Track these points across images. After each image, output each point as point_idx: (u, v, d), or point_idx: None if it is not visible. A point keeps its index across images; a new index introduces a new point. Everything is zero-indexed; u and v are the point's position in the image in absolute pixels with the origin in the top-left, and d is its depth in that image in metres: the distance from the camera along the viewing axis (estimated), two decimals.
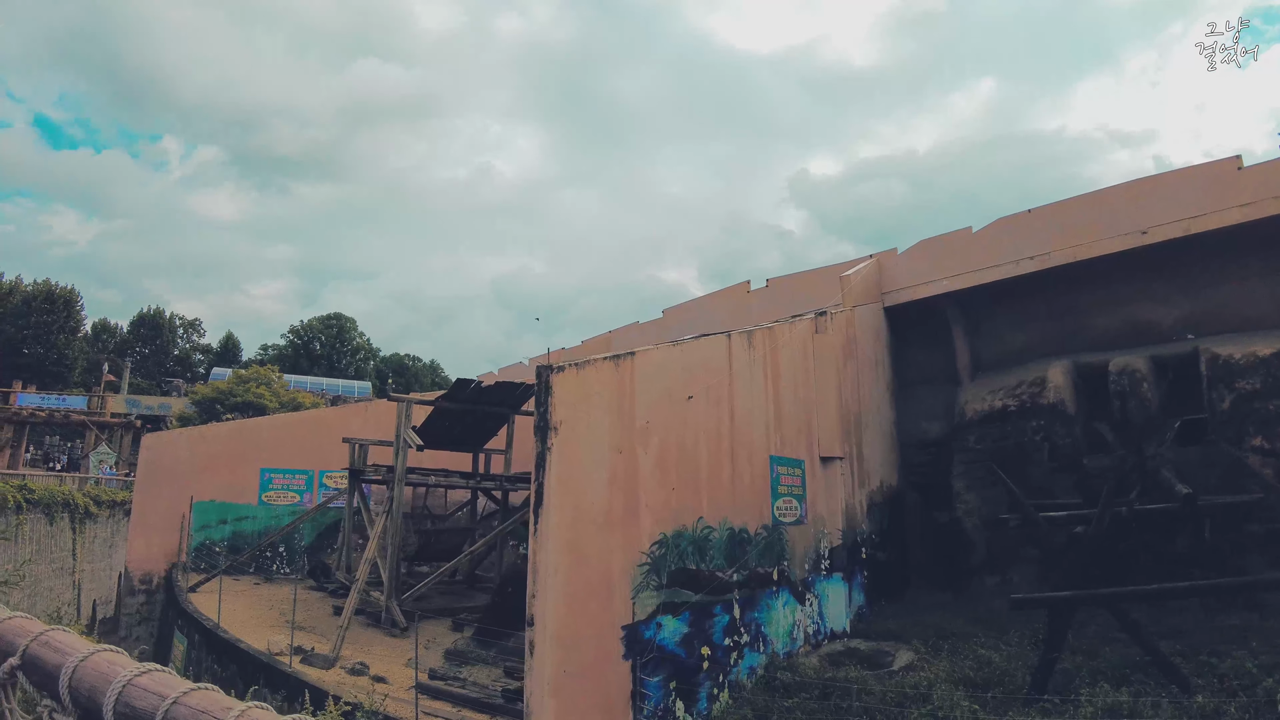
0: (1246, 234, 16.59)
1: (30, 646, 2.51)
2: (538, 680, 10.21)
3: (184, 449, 23.19)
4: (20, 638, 2.58)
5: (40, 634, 2.54)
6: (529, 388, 20.82)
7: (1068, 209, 18.72)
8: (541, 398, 10.66)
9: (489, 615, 16.32)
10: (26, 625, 2.67)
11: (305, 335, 67.74)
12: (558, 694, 10.21)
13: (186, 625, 17.68)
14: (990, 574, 18.77)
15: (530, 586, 10.45)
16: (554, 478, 10.48)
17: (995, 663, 13.73)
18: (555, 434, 10.56)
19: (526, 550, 20.42)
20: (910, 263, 20.72)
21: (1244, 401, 16.35)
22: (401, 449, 18.55)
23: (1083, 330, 19.00)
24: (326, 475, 24.45)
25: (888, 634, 16.59)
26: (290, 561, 23.70)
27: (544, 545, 10.36)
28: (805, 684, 13.37)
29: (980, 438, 19.26)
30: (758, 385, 15.00)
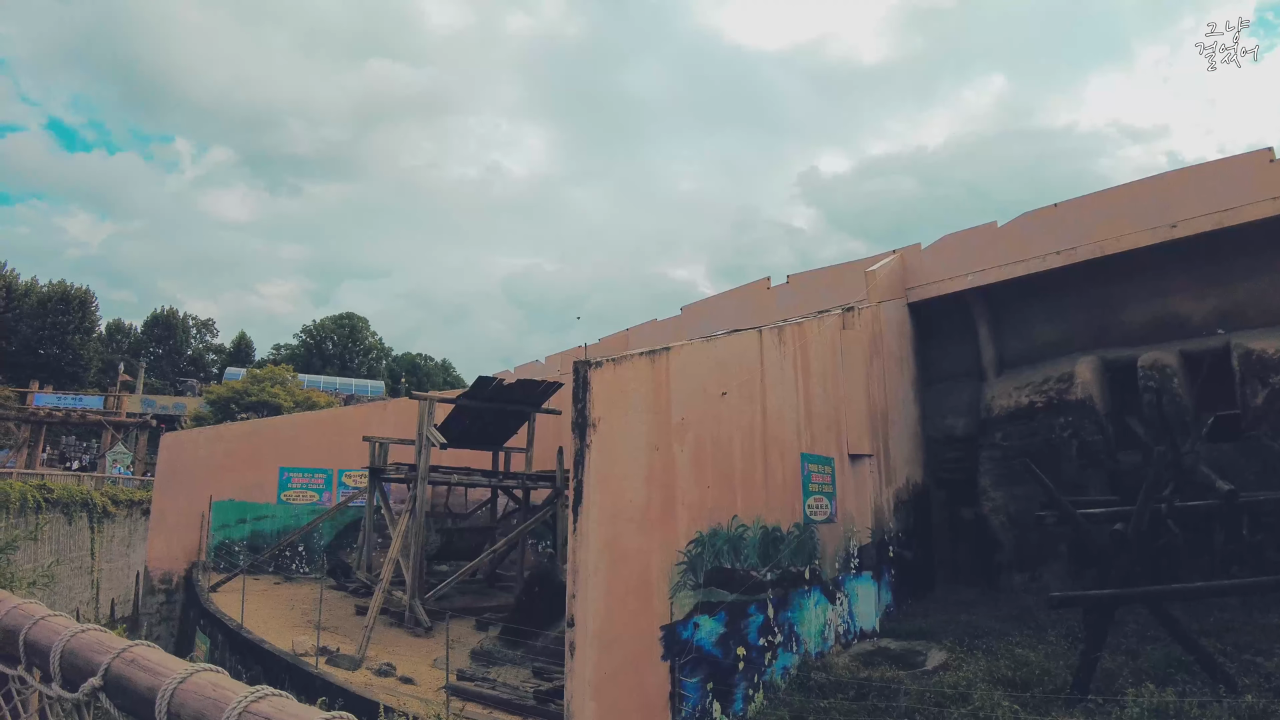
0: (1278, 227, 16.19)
1: (114, 665, 2.14)
2: (579, 682, 9.87)
3: (203, 448, 22.89)
4: (100, 654, 2.21)
5: (123, 650, 2.19)
6: (550, 385, 20.52)
7: (1094, 203, 18.34)
8: (579, 394, 10.32)
9: (515, 615, 15.99)
10: (105, 640, 2.31)
11: (318, 335, 67.44)
12: (599, 696, 9.88)
13: (209, 625, 17.37)
14: (1019, 571, 18.39)
15: (570, 586, 10.11)
16: (593, 475, 10.15)
17: (1033, 662, 13.38)
18: (594, 431, 10.22)
19: (550, 550, 20.17)
20: (934, 258, 20.34)
21: (1278, 397, 15.95)
22: (424, 447, 18.23)
23: (1110, 325, 18.61)
24: (345, 474, 24.14)
25: (918, 633, 16.24)
26: (310, 561, 23.39)
27: (584, 544, 10.02)
28: (840, 684, 13.04)
29: (1007, 434, 18.88)
30: (789, 381, 14.65)
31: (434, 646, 16.62)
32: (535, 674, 14.35)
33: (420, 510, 18.02)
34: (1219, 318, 17.38)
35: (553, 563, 16.10)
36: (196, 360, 66.17)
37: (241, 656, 15.68)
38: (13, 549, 10.09)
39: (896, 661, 14.84)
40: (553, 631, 15.32)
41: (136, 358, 53.00)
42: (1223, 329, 17.29)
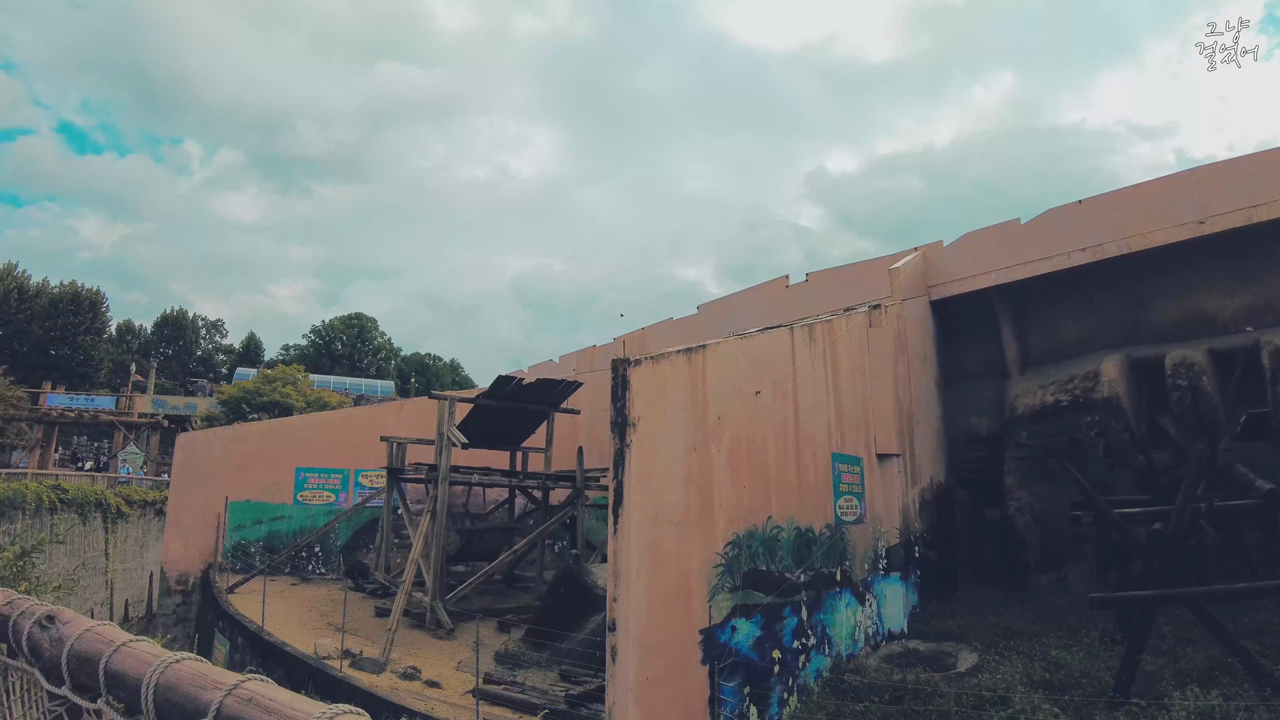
0: None
1: (227, 704, 1.75)
2: (621, 687, 9.52)
3: (219, 448, 22.53)
4: (206, 690, 1.83)
5: (235, 686, 1.80)
6: (569, 384, 20.16)
7: (1121, 199, 17.97)
8: (618, 393, 9.96)
9: (540, 617, 15.63)
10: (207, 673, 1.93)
11: (327, 335, 66.99)
12: (641, 702, 9.53)
13: (228, 627, 17.01)
14: (1045, 572, 18.01)
15: (610, 589, 9.76)
16: (634, 475, 9.79)
17: (1070, 664, 13.05)
18: (634, 430, 9.86)
19: (576, 551, 19.77)
20: (957, 255, 19.98)
21: None
22: (445, 447, 17.86)
23: (1137, 323, 18.25)
24: (362, 474, 23.78)
25: (946, 634, 15.89)
26: (326, 562, 23.03)
27: (625, 546, 9.67)
28: (874, 687, 12.69)
29: (1033, 434, 18.49)
30: (820, 380, 14.30)
31: (457, 649, 16.27)
32: (563, 677, 14.00)
33: (442, 511, 17.66)
34: (1249, 315, 17.01)
35: (577, 564, 15.74)
36: (206, 361, 65.73)
37: (262, 660, 15.31)
38: (39, 552, 9.72)
39: (927, 663, 14.50)
40: (579, 634, 14.99)
41: (146, 358, 52.60)
42: (1251, 326, 16.93)
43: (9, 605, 2.95)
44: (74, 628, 2.67)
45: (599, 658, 14.03)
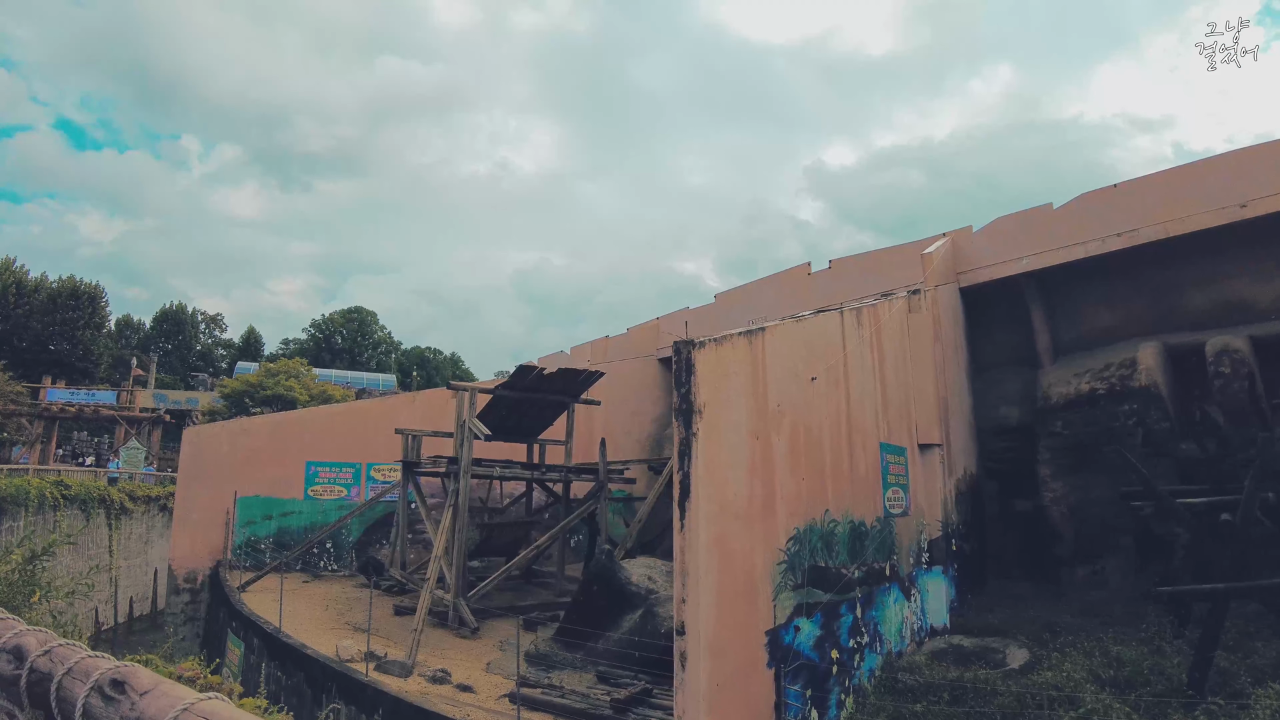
0: None
1: None
2: (690, 695, 8.52)
3: (227, 443, 21.35)
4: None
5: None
6: (591, 374, 19.18)
7: (1155, 183, 17.13)
8: (682, 377, 8.96)
9: (572, 615, 14.62)
10: None
11: (327, 329, 65.46)
12: (712, 710, 8.54)
13: (242, 628, 15.91)
14: (1080, 564, 17.19)
15: (678, 590, 8.75)
16: (701, 466, 8.79)
17: (1134, 661, 12.15)
18: (700, 417, 8.87)
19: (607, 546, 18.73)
20: (986, 241, 19.10)
21: None
22: (466, 439, 16.81)
23: (1171, 309, 17.42)
24: (374, 468, 22.67)
25: (988, 629, 15.01)
26: (338, 558, 21.91)
27: (693, 543, 8.67)
28: (931, 686, 11.78)
29: (1068, 423, 17.65)
30: (867, 366, 13.36)
31: (483, 648, 15.24)
32: (600, 679, 13.00)
33: (463, 505, 16.62)
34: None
35: (610, 560, 14.74)
36: (205, 355, 64.05)
37: (280, 663, 14.23)
38: (50, 554, 8.67)
39: (975, 660, 13.62)
40: (614, 633, 13.99)
41: (146, 353, 51.04)
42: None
43: (48, 657, 1.92)
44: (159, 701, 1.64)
45: (637, 658, 13.07)
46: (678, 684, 8.69)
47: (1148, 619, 14.39)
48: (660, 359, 26.62)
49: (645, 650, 12.77)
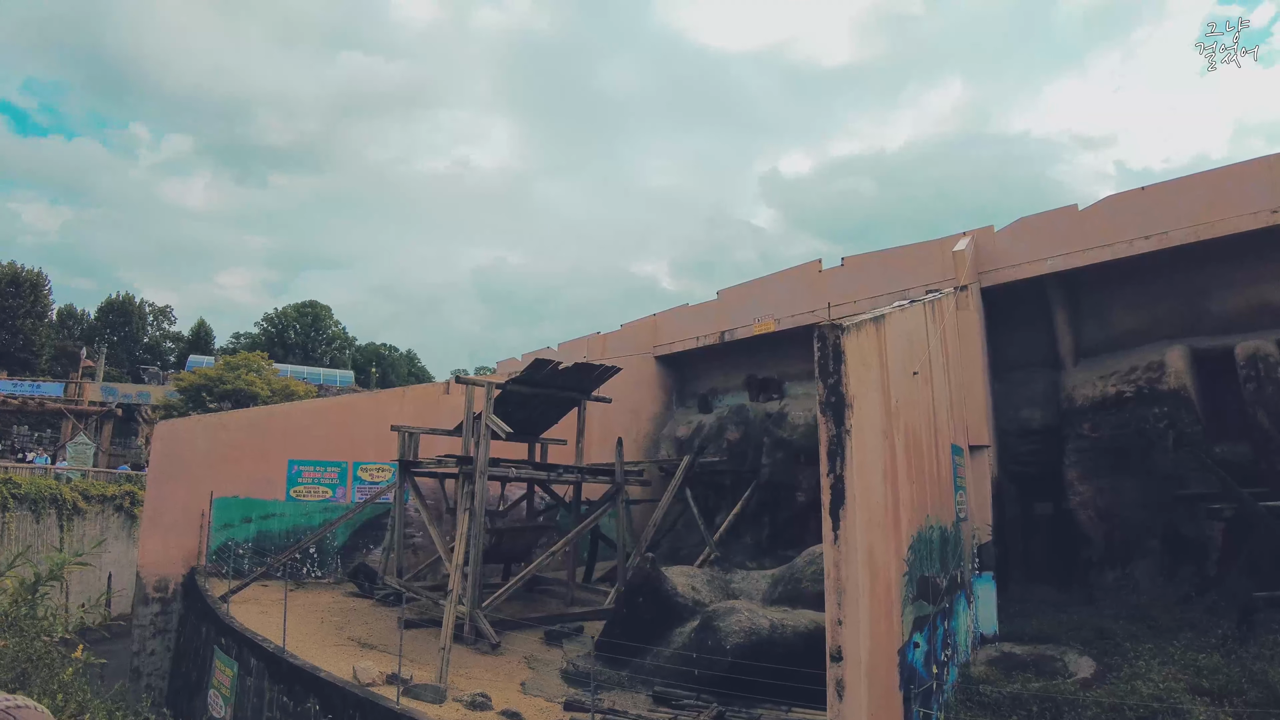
0: None
1: None
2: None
3: (202, 439, 18.96)
4: None
5: None
6: (606, 370, 17.60)
7: (1183, 187, 16.48)
8: (830, 366, 7.53)
9: (614, 628, 13.01)
10: None
11: (280, 323, 61.56)
12: None
13: (235, 645, 13.78)
14: (1109, 568, 16.36)
15: (832, 610, 7.32)
16: (854, 469, 7.38)
17: (1219, 668, 11.23)
18: (852, 412, 7.44)
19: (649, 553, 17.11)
20: (1009, 241, 18.21)
21: None
22: (484, 437, 15.02)
23: (1197, 313, 16.76)
24: (361, 468, 20.54)
25: (1038, 636, 13.99)
26: (322, 564, 19.70)
27: (849, 557, 7.26)
28: (1016, 699, 10.64)
29: (1096, 425, 16.84)
30: (938, 363, 12.16)
31: (509, 666, 13.49)
32: (657, 700, 11.44)
33: (480, 509, 14.82)
34: None
35: (655, 569, 13.18)
36: (153, 348, 59.40)
37: (288, 687, 12.21)
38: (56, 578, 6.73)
39: (1034, 669, 12.56)
40: (666, 648, 12.44)
41: (90, 344, 46.78)
42: None
43: None
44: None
45: (697, 676, 11.58)
46: (832, 717, 7.25)
47: (1195, 624, 13.64)
48: (658, 356, 25.15)
49: (708, 667, 11.30)
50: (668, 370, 25.61)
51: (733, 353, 23.70)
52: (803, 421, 21.33)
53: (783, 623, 11.82)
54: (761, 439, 21.70)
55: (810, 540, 20.69)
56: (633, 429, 23.89)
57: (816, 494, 20.95)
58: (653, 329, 25.21)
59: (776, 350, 22.93)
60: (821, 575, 14.26)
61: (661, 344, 25.04)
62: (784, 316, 21.76)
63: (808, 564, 14.47)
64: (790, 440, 21.18)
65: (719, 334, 23.21)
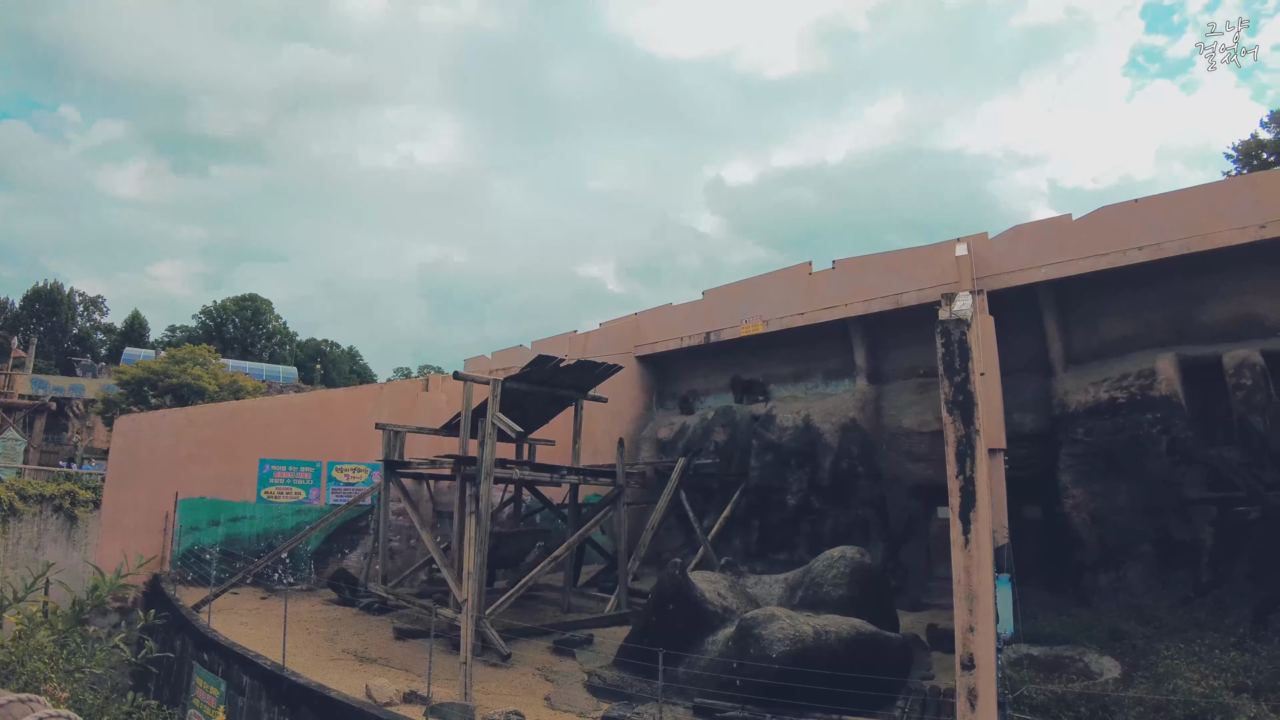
0: None
1: None
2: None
3: (167, 435, 17.29)
4: None
5: None
6: (608, 368, 16.83)
7: (1176, 201, 16.75)
8: (956, 364, 7.01)
9: (641, 637, 12.22)
10: None
11: (218, 317, 58.01)
12: None
13: (221, 660, 12.43)
14: (1104, 571, 16.42)
15: (963, 618, 6.76)
16: (983, 471, 6.84)
17: (1249, 666, 11.27)
18: (979, 412, 6.91)
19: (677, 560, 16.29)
20: (1003, 249, 18.21)
21: None
22: (490, 437, 14.03)
23: (1185, 322, 17.04)
24: (336, 468, 19.13)
25: (1053, 638, 13.92)
26: (295, 570, 18.21)
27: (980, 562, 6.74)
28: (1063, 700, 10.44)
29: (1090, 430, 16.92)
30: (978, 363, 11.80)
31: (524, 679, 12.54)
32: (698, 712, 10.73)
33: (485, 513, 13.82)
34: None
35: (684, 575, 12.45)
36: (83, 340, 55.04)
37: (291, 708, 11.00)
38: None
39: (1058, 670, 12.46)
40: (701, 657, 11.73)
41: (15, 335, 42.91)
42: None
43: None
44: None
45: (739, 685, 10.93)
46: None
47: (1202, 624, 13.71)
48: (639, 356, 24.39)
49: (754, 676, 10.65)
50: (649, 371, 24.90)
51: (717, 354, 23.17)
52: (791, 424, 20.94)
53: (825, 629, 11.27)
54: (749, 441, 21.20)
55: (801, 544, 20.35)
56: (613, 430, 23.07)
57: (807, 498, 20.64)
58: (634, 328, 24.47)
59: (761, 352, 22.51)
60: (843, 579, 13.85)
61: (644, 344, 24.32)
62: (771, 318, 21.34)
63: (827, 567, 13.98)
64: (779, 443, 20.74)
65: (704, 334, 22.64)
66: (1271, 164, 29.94)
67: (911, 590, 18.69)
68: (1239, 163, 32.79)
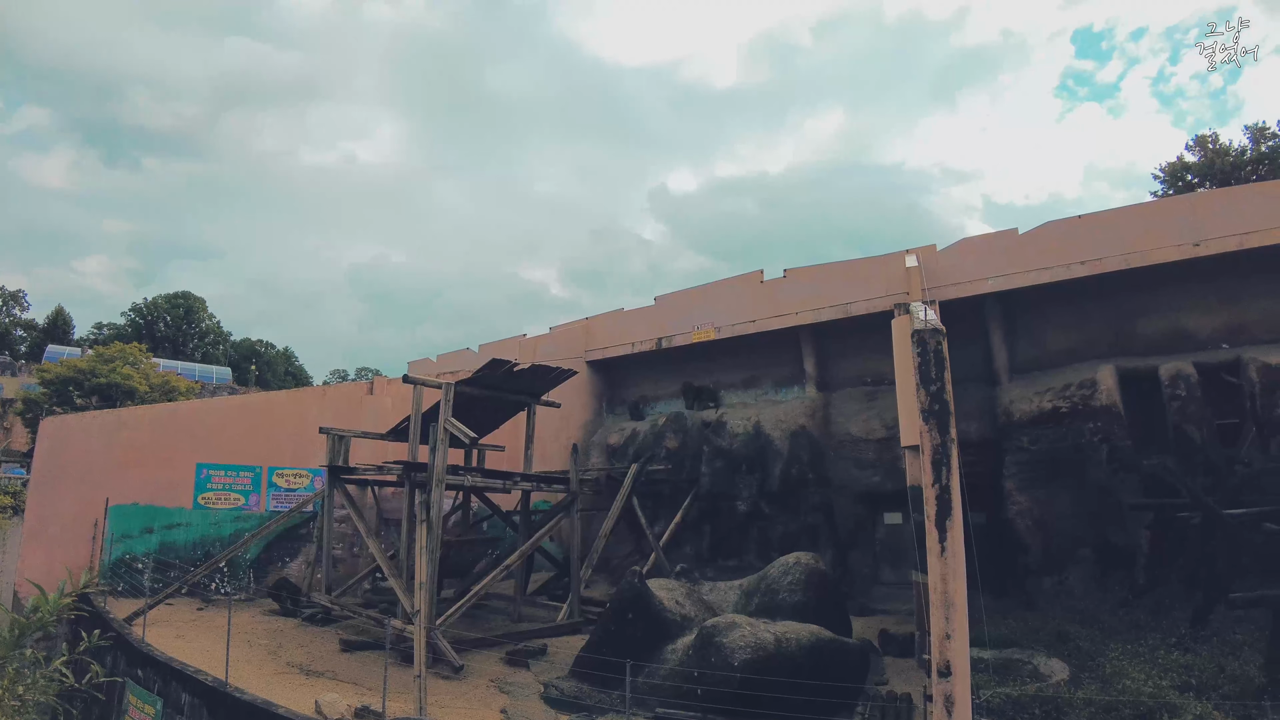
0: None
1: None
2: None
3: (98, 438, 16.38)
4: None
5: None
6: (562, 372, 16.61)
7: (1118, 218, 17.34)
8: (932, 373, 7.06)
9: (601, 646, 12.02)
10: None
11: (149, 314, 55.43)
12: None
13: (158, 678, 11.79)
14: (1047, 575, 16.84)
15: (939, 625, 6.79)
16: (957, 479, 6.87)
17: (1190, 665, 11.64)
18: (954, 420, 6.94)
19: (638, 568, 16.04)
20: (951, 261, 18.57)
21: None
22: (442, 443, 13.67)
23: (1122, 335, 17.66)
24: (277, 473, 18.41)
25: (1000, 641, 14.05)
26: (232, 578, 17.43)
27: (956, 570, 6.75)
28: (1017, 702, 10.63)
29: (1035, 438, 17.36)
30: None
31: (478, 691, 12.21)
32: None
33: (438, 521, 13.45)
34: (1225, 333, 16.84)
35: (644, 584, 12.30)
36: (2, 337, 51.97)
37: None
38: None
39: (1009, 673, 12.64)
40: (662, 666, 11.59)
41: None
42: (1227, 344, 16.77)
43: None
44: None
45: (701, 694, 10.83)
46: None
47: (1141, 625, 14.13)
48: (589, 361, 24.16)
49: (715, 685, 10.58)
50: (599, 376, 24.68)
51: (668, 360, 23.11)
52: (742, 431, 21.00)
53: (785, 636, 11.23)
54: (700, 448, 21.18)
55: (752, 550, 20.39)
56: (562, 436, 22.82)
57: (757, 504, 20.69)
58: (585, 333, 24.24)
59: (713, 359, 22.54)
60: (799, 585, 13.89)
61: (595, 349, 24.10)
62: (723, 325, 21.38)
63: (783, 574, 13.99)
64: (730, 449, 20.77)
65: (656, 341, 22.54)
66: (1196, 185, 31.41)
67: (859, 595, 18.88)
68: (1165, 183, 34.32)
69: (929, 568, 6.94)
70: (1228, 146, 33.89)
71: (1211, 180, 31.64)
